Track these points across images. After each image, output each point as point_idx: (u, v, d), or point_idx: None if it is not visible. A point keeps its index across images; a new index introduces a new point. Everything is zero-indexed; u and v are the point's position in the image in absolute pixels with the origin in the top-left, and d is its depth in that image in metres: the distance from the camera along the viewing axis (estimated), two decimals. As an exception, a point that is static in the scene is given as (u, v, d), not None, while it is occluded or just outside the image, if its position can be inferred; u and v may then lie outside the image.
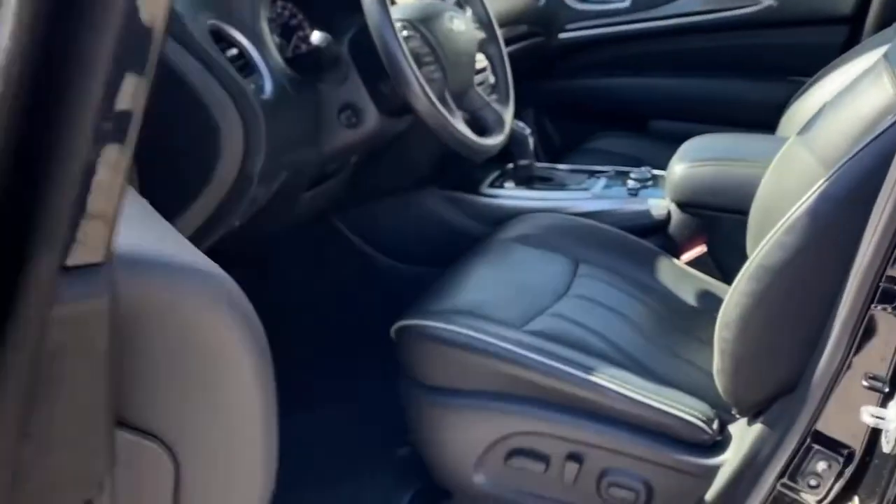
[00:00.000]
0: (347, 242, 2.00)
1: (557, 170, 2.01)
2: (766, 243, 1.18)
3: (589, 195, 1.89)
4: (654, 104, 2.62)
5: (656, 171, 1.96)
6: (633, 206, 1.84)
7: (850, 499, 1.06)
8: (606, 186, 1.93)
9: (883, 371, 1.02)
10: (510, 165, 1.99)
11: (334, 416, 1.81)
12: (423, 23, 1.52)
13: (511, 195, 1.91)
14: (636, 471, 1.34)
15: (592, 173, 1.99)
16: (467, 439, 1.41)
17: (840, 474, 1.05)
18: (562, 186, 1.93)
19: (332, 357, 1.99)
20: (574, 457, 1.37)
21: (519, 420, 1.38)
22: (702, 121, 2.42)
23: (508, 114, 1.69)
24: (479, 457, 1.41)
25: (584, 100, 2.67)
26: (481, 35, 1.68)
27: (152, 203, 1.31)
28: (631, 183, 1.91)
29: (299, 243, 2.04)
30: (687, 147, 1.83)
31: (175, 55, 1.25)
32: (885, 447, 1.00)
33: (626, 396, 1.32)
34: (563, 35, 2.62)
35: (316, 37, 1.40)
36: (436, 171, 1.97)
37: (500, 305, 1.47)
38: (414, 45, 1.47)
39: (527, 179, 1.95)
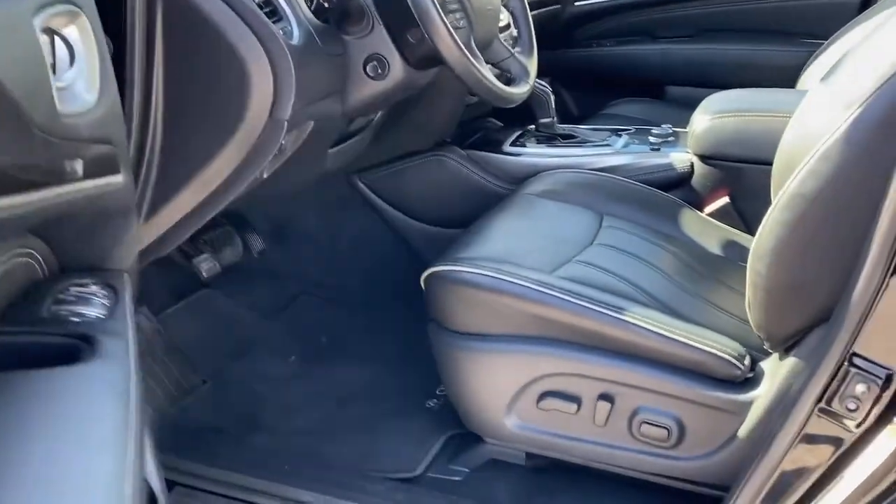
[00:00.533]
0: (369, 203, 2.01)
1: (579, 129, 2.02)
2: (799, 171, 1.18)
3: (611, 150, 1.90)
4: (671, 70, 2.62)
5: (677, 129, 1.97)
6: (656, 160, 1.84)
7: (890, 421, 1.06)
8: (628, 143, 1.94)
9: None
10: (531, 126, 2.00)
11: (363, 368, 1.82)
12: (450, -30, 1.53)
13: (533, 152, 1.92)
14: (668, 409, 1.35)
15: (614, 131, 2.00)
16: (498, 383, 1.42)
17: (879, 397, 1.06)
18: (583, 143, 1.94)
19: (356, 313, 2.01)
20: (605, 396, 1.38)
21: (550, 361, 1.38)
22: (719, 86, 2.41)
23: (532, 65, 1.70)
24: (510, 400, 1.42)
25: (601, 68, 2.67)
26: (501, -13, 1.69)
27: (183, 150, 1.33)
28: (652, 139, 1.92)
29: (321, 204, 2.05)
30: (709, 101, 1.84)
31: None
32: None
33: (657, 334, 1.32)
34: (578, 2, 2.63)
35: (347, -20, 1.41)
36: (456, 132, 1.98)
37: (528, 253, 1.48)
38: (441, -6, 1.48)
39: (548, 138, 1.96)
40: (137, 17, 1.24)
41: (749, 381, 1.32)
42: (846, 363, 1.07)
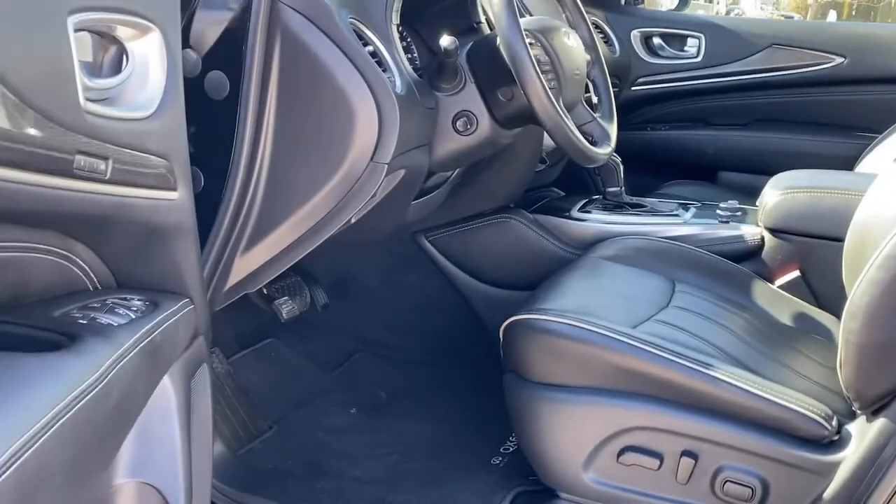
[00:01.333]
0: (434, 263, 2.04)
1: (646, 199, 2.06)
2: (894, 235, 1.21)
3: (680, 220, 1.93)
4: (724, 156, 2.67)
5: (744, 206, 2.00)
6: (726, 231, 1.87)
7: None
8: (697, 215, 1.97)
9: None
10: (597, 196, 2.04)
11: (424, 424, 1.82)
12: (544, 34, 1.59)
13: (601, 219, 1.96)
14: (752, 467, 1.34)
15: (681, 204, 2.04)
16: (578, 436, 1.42)
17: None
18: (652, 213, 1.97)
19: (415, 372, 2.01)
20: (689, 453, 1.37)
21: (632, 415, 1.38)
22: (771, 173, 2.49)
23: (613, 130, 1.75)
24: (589, 454, 1.42)
25: (656, 149, 2.73)
26: (587, 57, 1.75)
27: (285, 186, 1.37)
28: (720, 212, 1.95)
29: (385, 262, 2.09)
30: (779, 178, 1.88)
31: (318, 44, 1.31)
32: None
33: (743, 390, 1.33)
34: (635, 87, 2.70)
35: (445, 40, 1.47)
36: (523, 197, 2.02)
37: (606, 310, 1.49)
38: (537, 54, 1.54)
39: (616, 206, 1.99)
40: (256, 56, 1.30)
41: (837, 441, 1.31)
42: None
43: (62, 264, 0.93)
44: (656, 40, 2.71)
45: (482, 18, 1.72)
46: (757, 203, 1.89)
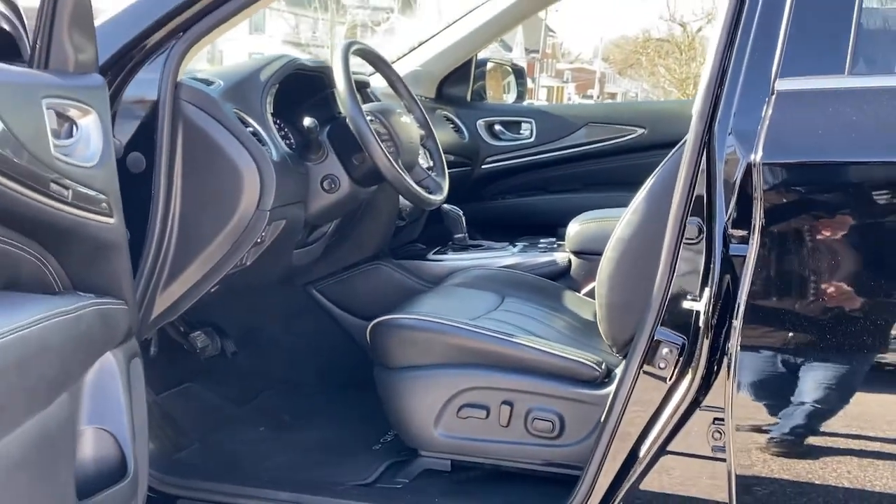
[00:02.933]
0: (322, 308, 2.52)
1: (485, 242, 2.60)
2: (619, 223, 1.76)
3: (509, 253, 2.48)
4: (560, 214, 3.24)
5: (560, 242, 2.56)
6: (543, 258, 2.43)
7: (687, 372, 1.57)
8: (522, 249, 2.52)
9: (695, 283, 1.55)
10: (449, 242, 2.58)
11: (320, 432, 2.25)
12: (383, 114, 2.14)
13: (450, 258, 2.49)
14: (551, 406, 1.85)
15: (512, 242, 2.59)
16: (427, 402, 1.90)
17: (679, 355, 1.56)
18: (488, 249, 2.52)
19: (313, 398, 2.45)
20: (507, 402, 1.87)
21: (464, 380, 1.88)
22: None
23: (445, 183, 2.29)
24: (437, 414, 1.90)
25: (506, 215, 3.29)
26: (422, 132, 2.31)
27: (192, 234, 1.84)
28: (541, 246, 2.51)
29: (282, 313, 2.55)
30: (579, 216, 2.45)
31: (210, 127, 1.82)
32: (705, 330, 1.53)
33: (538, 349, 1.85)
34: (485, 165, 3.28)
35: (307, 121, 2.00)
36: (388, 247, 2.54)
37: (448, 311, 2.00)
38: (377, 128, 2.08)
39: (462, 248, 2.53)
40: (165, 139, 1.79)
41: (606, 382, 1.83)
42: (655, 336, 1.59)
43: (40, 267, 1.38)
44: (497, 127, 3.30)
45: (341, 110, 2.27)
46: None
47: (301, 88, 2.17)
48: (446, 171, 2.34)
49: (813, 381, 1.48)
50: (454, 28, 3.24)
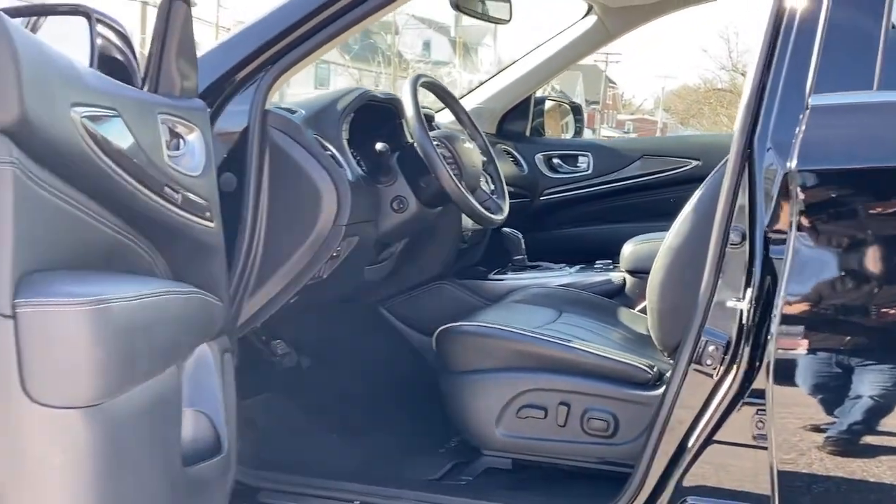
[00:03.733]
0: (391, 325, 2.68)
1: (543, 263, 2.75)
2: (668, 233, 1.90)
3: (566, 273, 2.62)
4: (617, 243, 3.37)
5: (615, 263, 2.70)
6: (598, 277, 2.56)
7: (732, 368, 1.69)
8: (579, 270, 2.66)
9: (738, 285, 1.68)
10: (509, 264, 2.73)
11: (387, 437, 2.39)
12: (448, 140, 2.32)
13: (509, 277, 2.64)
14: (606, 406, 1.97)
15: (569, 264, 2.73)
16: (489, 403, 2.04)
17: (724, 353, 1.68)
18: (546, 270, 2.66)
19: (388, 403, 2.59)
20: (564, 403, 2.00)
21: (524, 382, 2.02)
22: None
23: (505, 204, 2.45)
24: (498, 415, 2.03)
25: (564, 244, 3.43)
26: (483, 158, 2.48)
27: (275, 248, 2.02)
28: (597, 267, 2.65)
29: (354, 330, 2.72)
30: (634, 238, 2.59)
31: (294, 150, 2.01)
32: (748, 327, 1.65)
33: (595, 354, 1.98)
34: (543, 197, 3.44)
35: (378, 145, 2.19)
36: (451, 269, 2.70)
37: (509, 321, 2.15)
38: (443, 152, 2.25)
39: (521, 268, 2.68)
40: (254, 161, 1.98)
41: (658, 383, 1.95)
42: (702, 336, 1.71)
43: (149, 261, 1.57)
44: (556, 160, 3.46)
45: (409, 137, 2.46)
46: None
47: (373, 118, 2.36)
48: (506, 194, 2.51)
49: (848, 376, 1.59)
50: (512, 68, 3.43)
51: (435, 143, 2.22)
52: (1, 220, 0.99)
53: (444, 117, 2.87)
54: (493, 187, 2.53)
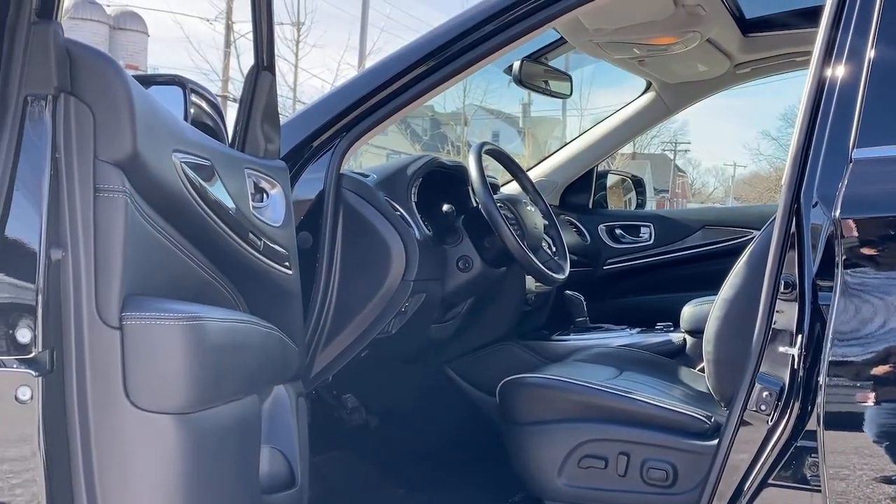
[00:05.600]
0: (456, 386, 2.77)
1: (604, 325, 2.83)
2: (724, 286, 1.97)
3: (626, 334, 2.69)
4: (679, 312, 3.43)
5: (675, 326, 2.76)
6: (659, 337, 2.63)
7: (787, 413, 1.73)
8: (640, 331, 2.73)
9: (789, 332, 1.74)
10: (571, 325, 2.82)
11: (458, 492, 2.45)
12: (510, 202, 2.45)
13: (572, 338, 2.72)
14: (665, 457, 2.02)
15: (629, 325, 2.80)
16: (552, 453, 2.10)
17: (779, 398, 1.74)
18: (608, 331, 2.74)
19: (452, 461, 2.66)
20: (624, 453, 2.05)
21: (585, 433, 2.08)
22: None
23: (566, 265, 2.55)
24: (560, 465, 2.09)
25: (626, 313, 3.49)
26: (545, 222, 2.60)
27: (347, 302, 2.14)
28: (658, 328, 2.71)
29: (420, 390, 2.82)
30: (695, 300, 2.65)
31: (366, 210, 2.16)
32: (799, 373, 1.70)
33: (654, 405, 2.04)
34: (606, 267, 3.52)
35: (445, 207, 2.33)
36: (515, 330, 2.79)
37: (571, 375, 2.22)
38: (504, 213, 2.38)
39: (583, 330, 2.76)
40: (329, 221, 2.13)
41: (715, 434, 1.99)
42: (755, 381, 1.76)
43: (232, 302, 1.70)
44: (618, 231, 3.56)
45: (474, 201, 2.59)
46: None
47: (441, 183, 2.50)
48: (567, 255, 2.61)
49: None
50: (575, 143, 3.57)
51: (498, 205, 2.34)
52: (113, 242, 1.14)
53: (511, 188, 3.01)
54: (554, 249, 2.63)
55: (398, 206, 2.25)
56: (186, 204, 1.33)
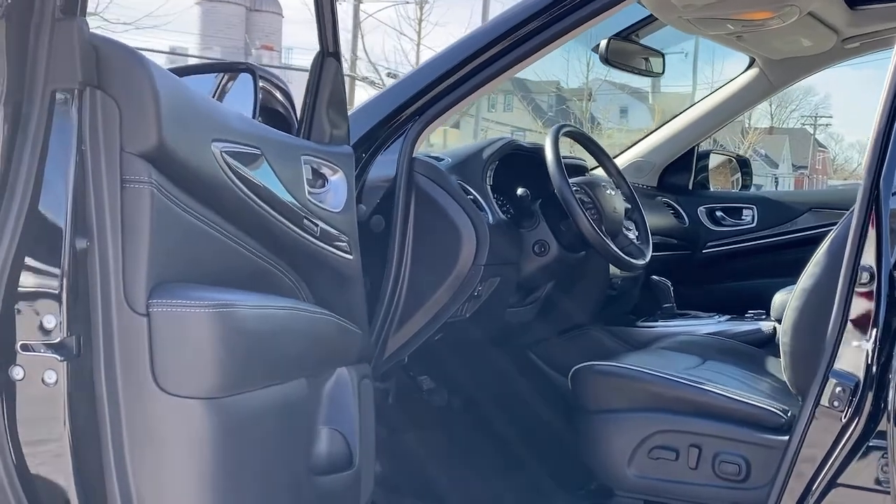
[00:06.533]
0: (538, 370, 2.75)
1: (692, 311, 2.74)
2: (802, 275, 1.88)
3: (714, 321, 2.60)
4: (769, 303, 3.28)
5: (766, 313, 2.65)
6: (747, 326, 2.53)
7: (862, 409, 1.64)
8: (729, 319, 2.63)
9: (866, 326, 1.65)
10: (658, 312, 2.74)
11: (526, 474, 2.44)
12: (588, 185, 2.40)
13: (658, 325, 2.65)
14: (738, 451, 1.95)
15: (721, 313, 2.71)
16: (622, 442, 2.06)
17: (853, 394, 1.64)
18: (695, 318, 2.65)
19: (533, 444, 2.64)
20: (695, 446, 1.99)
21: (657, 423, 2.03)
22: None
23: (648, 250, 2.48)
24: (630, 455, 2.05)
25: (722, 298, 3.37)
26: (628, 206, 2.54)
27: (419, 285, 2.15)
28: (748, 316, 2.61)
29: (503, 373, 2.81)
30: (787, 287, 2.53)
31: (437, 194, 2.16)
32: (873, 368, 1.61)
33: (727, 396, 1.97)
34: (705, 250, 3.41)
35: (519, 190, 2.30)
36: (600, 315, 2.74)
37: (646, 364, 2.17)
38: (581, 197, 2.33)
39: (670, 316, 2.69)
40: (401, 204, 2.14)
41: (791, 426, 1.91)
42: (829, 377, 1.68)
43: (293, 288, 1.73)
44: (718, 213, 3.44)
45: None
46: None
47: (519, 166, 2.48)
48: (650, 240, 2.54)
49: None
50: (674, 122, 3.46)
51: (575, 189, 2.30)
52: (140, 231, 1.18)
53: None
54: (637, 233, 2.56)
55: (472, 190, 2.24)
56: (228, 191, 1.36)
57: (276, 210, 1.52)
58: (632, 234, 2.53)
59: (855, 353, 1.64)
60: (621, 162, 3.54)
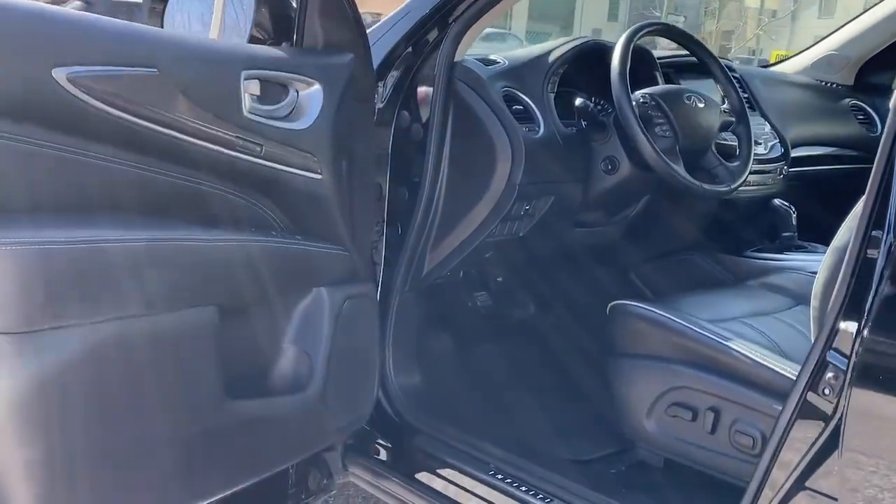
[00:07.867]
0: (637, 290, 2.50)
1: (813, 244, 2.33)
2: (840, 230, 1.51)
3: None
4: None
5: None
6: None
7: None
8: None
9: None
10: (777, 241, 2.37)
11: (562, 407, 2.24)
12: (662, 97, 2.06)
13: (766, 257, 2.29)
14: (756, 421, 1.67)
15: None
16: (641, 391, 1.84)
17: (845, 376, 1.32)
18: (812, 252, 2.25)
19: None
20: (713, 409, 1.73)
21: (678, 377, 1.78)
22: None
23: (741, 176, 2.11)
24: (650, 406, 1.83)
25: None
26: (730, 119, 2.16)
27: (455, 201, 1.99)
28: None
29: (601, 292, 2.58)
30: None
31: (476, 103, 1.98)
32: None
33: (754, 360, 1.67)
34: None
35: (578, 101, 2.05)
36: (709, 239, 2.42)
37: (693, 307, 1.89)
38: (647, 111, 2.02)
39: (784, 248, 2.31)
40: (438, 113, 1.99)
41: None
42: (825, 358, 1.36)
43: (257, 211, 1.68)
44: (924, 120, 2.84)
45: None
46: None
47: (598, 70, 2.20)
48: (750, 162, 2.16)
49: None
50: (878, 9, 2.88)
51: (646, 101, 2.01)
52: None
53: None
54: (739, 150, 2.19)
55: (526, 98, 2.04)
56: (91, 116, 1.32)
57: (185, 132, 1.46)
58: (720, 155, 2.15)
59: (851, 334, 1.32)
60: (811, 56, 3.04)
